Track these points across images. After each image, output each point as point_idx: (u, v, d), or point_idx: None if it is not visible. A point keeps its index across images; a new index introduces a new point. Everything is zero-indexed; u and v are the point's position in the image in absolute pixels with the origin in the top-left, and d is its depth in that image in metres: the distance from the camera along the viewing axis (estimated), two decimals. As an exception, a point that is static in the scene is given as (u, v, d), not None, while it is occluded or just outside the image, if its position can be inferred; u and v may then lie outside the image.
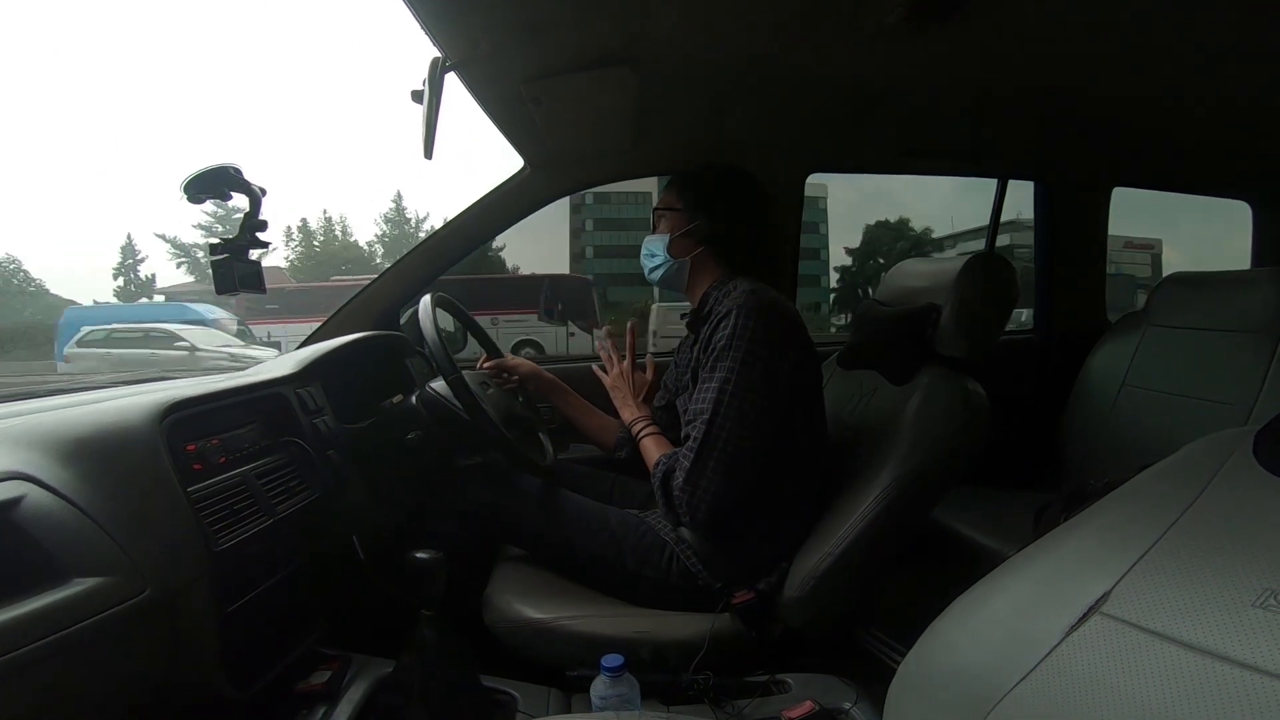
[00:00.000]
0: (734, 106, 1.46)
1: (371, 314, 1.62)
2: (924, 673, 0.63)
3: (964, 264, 1.19)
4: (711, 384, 1.09)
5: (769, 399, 1.08)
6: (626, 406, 1.35)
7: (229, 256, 1.03)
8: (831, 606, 1.12)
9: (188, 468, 0.85)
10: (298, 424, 1.09)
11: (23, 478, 0.68)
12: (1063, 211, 2.06)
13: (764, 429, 1.08)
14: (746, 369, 1.07)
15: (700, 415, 1.09)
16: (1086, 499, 1.18)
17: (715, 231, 1.23)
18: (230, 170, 1.00)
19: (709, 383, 1.09)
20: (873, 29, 1.05)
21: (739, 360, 1.07)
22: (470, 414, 1.15)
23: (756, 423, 1.07)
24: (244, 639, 0.86)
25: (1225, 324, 1.64)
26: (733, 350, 1.07)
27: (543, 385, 1.48)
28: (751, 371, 1.07)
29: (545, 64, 1.13)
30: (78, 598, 0.64)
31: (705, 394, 1.09)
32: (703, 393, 1.10)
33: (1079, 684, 0.47)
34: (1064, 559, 0.58)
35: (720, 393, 1.07)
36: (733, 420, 1.07)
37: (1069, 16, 1.05)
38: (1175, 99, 1.43)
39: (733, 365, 1.07)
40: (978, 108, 1.51)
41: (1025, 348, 2.13)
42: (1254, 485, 0.53)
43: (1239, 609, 0.43)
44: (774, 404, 1.09)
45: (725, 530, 1.14)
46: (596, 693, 0.95)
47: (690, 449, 1.09)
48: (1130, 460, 1.12)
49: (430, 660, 0.92)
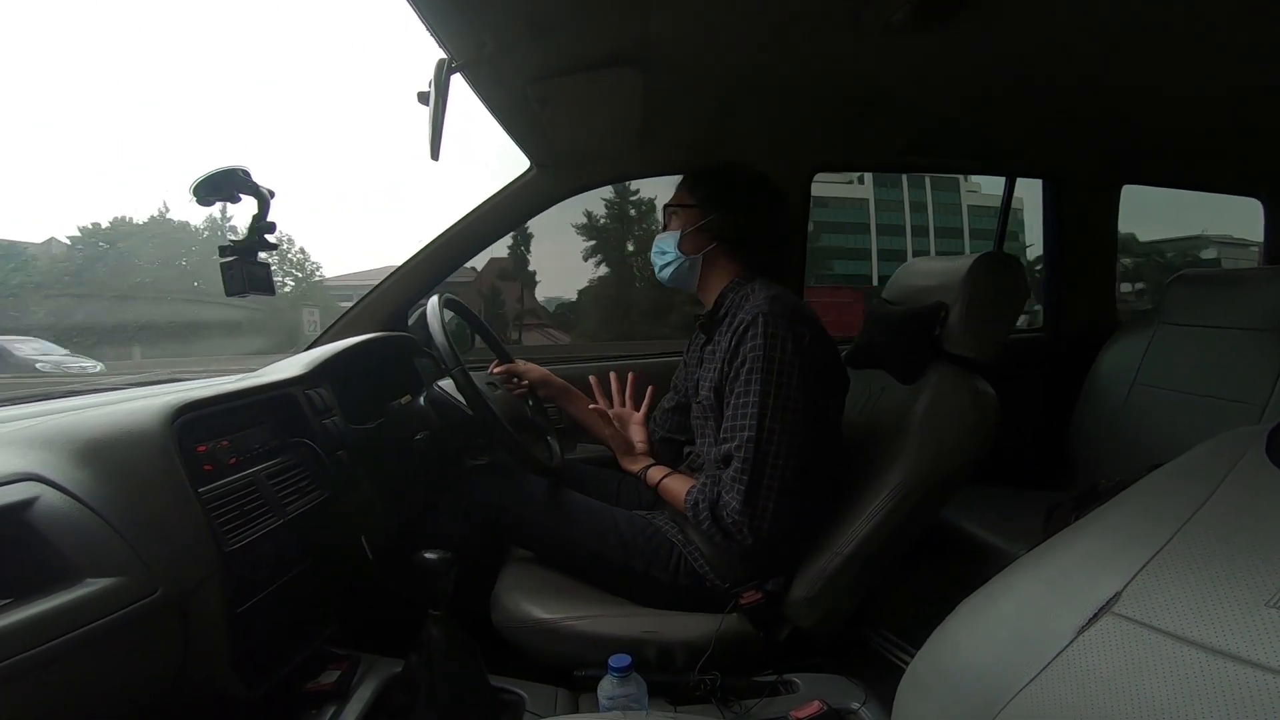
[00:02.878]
0: (739, 106, 1.46)
1: (380, 315, 1.63)
2: (933, 673, 0.62)
3: (972, 263, 1.18)
4: (750, 400, 1.07)
5: (807, 408, 1.07)
6: (628, 458, 1.34)
7: (238, 258, 1.04)
8: (840, 606, 1.12)
9: (198, 468, 0.86)
10: (307, 425, 1.09)
11: (36, 479, 0.69)
12: (1072, 209, 2.05)
13: (807, 438, 1.08)
14: (784, 382, 1.06)
15: (741, 434, 1.07)
16: (1097, 498, 1.18)
17: (728, 228, 1.22)
18: (239, 172, 1.00)
19: (746, 398, 1.07)
20: (877, 27, 1.05)
21: (775, 374, 1.06)
22: (478, 414, 1.15)
23: (801, 434, 1.06)
24: (254, 638, 0.87)
25: (1237, 322, 1.62)
26: (765, 363, 1.06)
27: (553, 390, 1.48)
28: (788, 384, 1.06)
29: (551, 65, 1.13)
30: (90, 598, 0.65)
31: (744, 410, 1.07)
32: (740, 409, 1.08)
33: (1090, 684, 0.47)
34: (1074, 559, 0.58)
35: (762, 408, 1.05)
36: (779, 435, 1.05)
37: (1075, 12, 1.04)
38: (1185, 95, 1.41)
39: (769, 379, 1.06)
40: (984, 105, 1.50)
41: (1034, 346, 2.12)
42: (1267, 484, 0.53)
43: (1252, 609, 0.43)
44: (810, 412, 1.08)
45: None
46: (604, 693, 0.95)
47: (740, 471, 1.06)
48: (1141, 459, 1.12)
49: (438, 660, 0.92)
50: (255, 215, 1.05)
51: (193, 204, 0.97)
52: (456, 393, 1.17)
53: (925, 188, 6.19)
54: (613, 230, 3.84)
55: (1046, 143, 1.83)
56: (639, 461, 1.32)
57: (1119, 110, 1.52)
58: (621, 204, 3.66)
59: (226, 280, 1.04)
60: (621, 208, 3.68)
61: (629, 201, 3.61)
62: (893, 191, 6.64)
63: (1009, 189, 2.09)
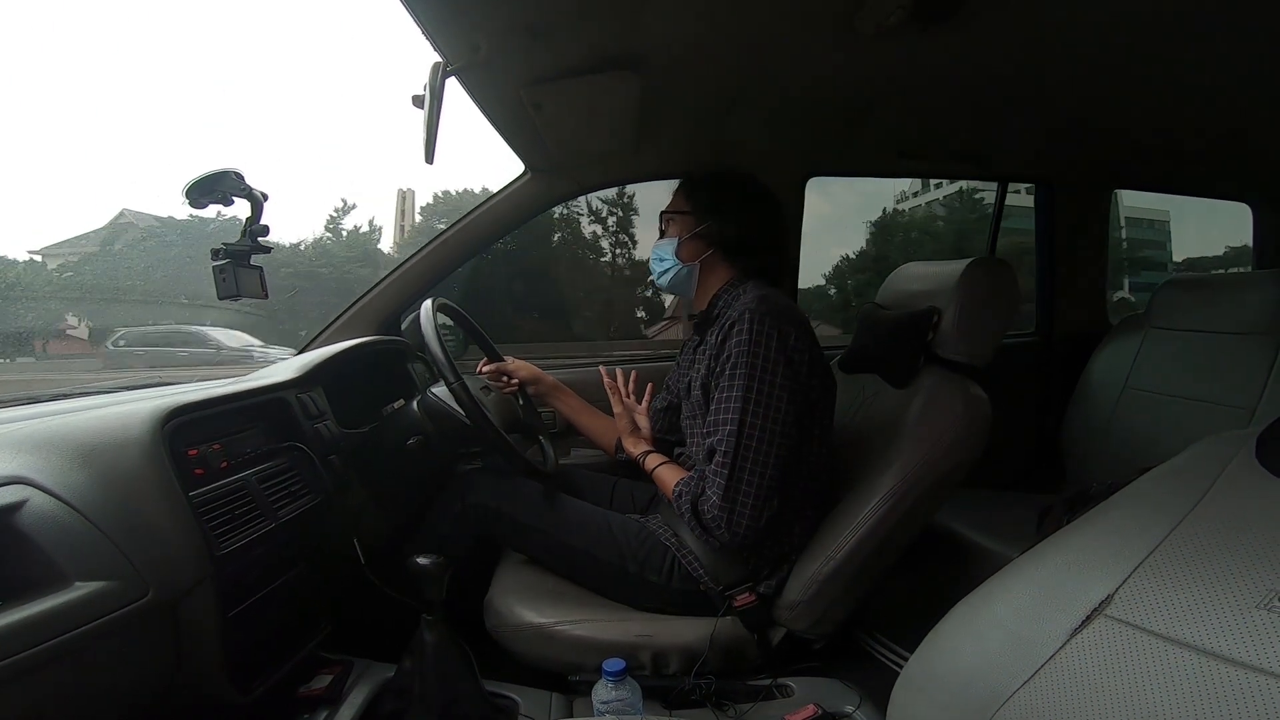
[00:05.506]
0: (735, 110, 1.46)
1: (373, 319, 1.62)
2: (927, 676, 0.63)
3: (965, 267, 1.19)
4: (733, 395, 1.06)
5: (791, 406, 1.07)
6: (631, 439, 1.34)
7: (231, 262, 1.04)
8: (834, 610, 1.12)
9: (189, 472, 0.85)
10: (299, 429, 1.09)
11: (25, 482, 0.68)
12: (1063, 213, 2.07)
13: (790, 437, 1.07)
14: (767, 378, 1.06)
15: (723, 428, 1.06)
16: (1089, 502, 1.19)
17: (725, 234, 1.22)
18: (232, 175, 1.00)
19: (729, 393, 1.07)
20: (872, 32, 1.05)
21: (758, 370, 1.06)
22: (472, 419, 1.14)
23: (783, 432, 1.06)
24: (246, 643, 0.86)
25: (1226, 326, 1.64)
26: (749, 359, 1.06)
27: (543, 388, 1.48)
28: (772, 381, 1.06)
29: (546, 69, 1.13)
30: (80, 602, 0.65)
31: (726, 405, 1.07)
32: (723, 404, 1.08)
33: (1083, 686, 0.47)
34: (1067, 562, 0.58)
35: (744, 403, 1.05)
36: (760, 432, 1.05)
37: (1069, 18, 1.05)
38: (1176, 101, 1.43)
39: (751, 375, 1.06)
40: (978, 110, 1.51)
41: (1026, 350, 2.13)
42: (1257, 487, 0.53)
43: (1243, 610, 0.43)
44: (794, 411, 1.08)
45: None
46: (598, 697, 0.94)
47: (721, 466, 1.06)
48: (1132, 462, 1.13)
49: (432, 665, 0.92)
50: (248, 218, 1.04)
51: (185, 206, 0.97)
52: (450, 397, 1.17)
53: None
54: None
55: (1038, 147, 1.85)
56: (641, 445, 1.32)
57: (1110, 115, 1.54)
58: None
59: (218, 284, 1.04)
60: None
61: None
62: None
63: (1001, 194, 2.11)
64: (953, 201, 4.51)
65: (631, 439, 1.33)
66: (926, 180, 4.22)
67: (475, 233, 1.67)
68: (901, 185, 5.57)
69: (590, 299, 3.65)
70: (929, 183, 4.53)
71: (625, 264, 3.59)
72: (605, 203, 3.54)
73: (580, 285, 3.65)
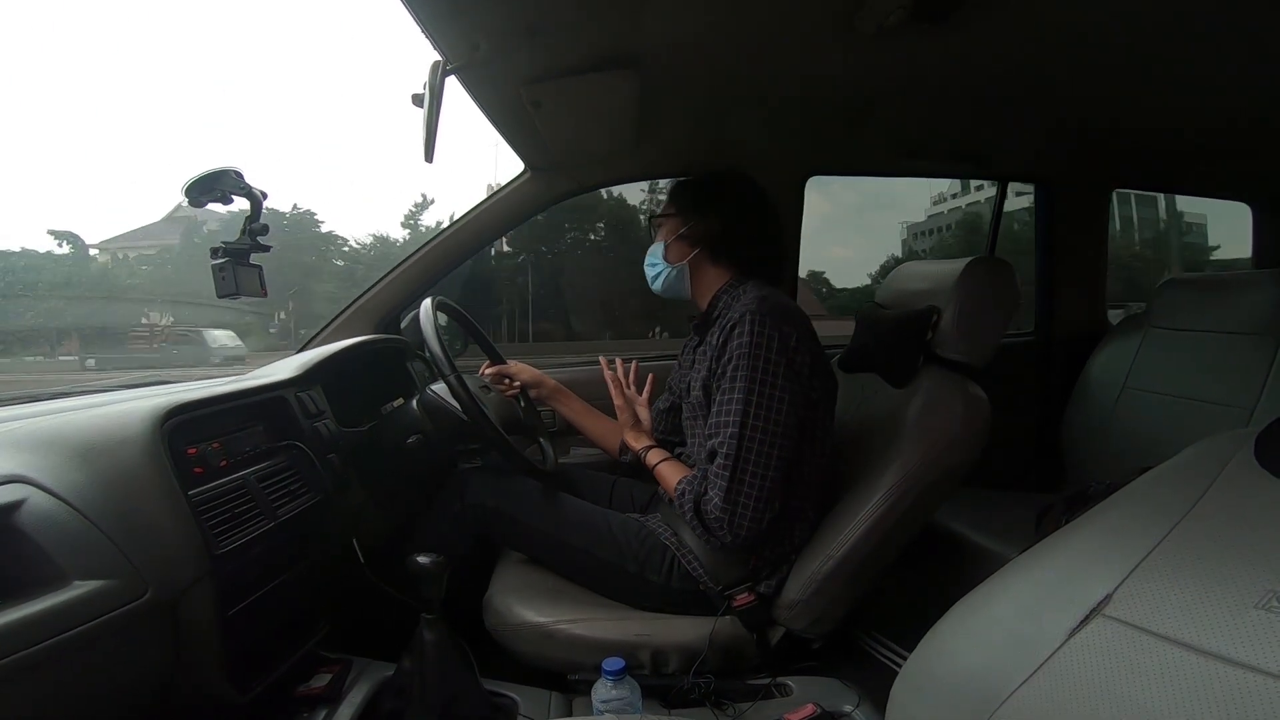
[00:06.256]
0: (734, 110, 1.46)
1: (373, 318, 1.62)
2: (926, 675, 0.63)
3: (965, 266, 1.18)
4: (735, 397, 1.06)
5: (792, 407, 1.07)
6: (633, 433, 1.34)
7: (230, 260, 1.04)
8: (833, 609, 1.12)
9: (189, 471, 0.85)
10: (299, 427, 1.09)
11: (24, 481, 0.68)
12: (1063, 213, 2.07)
13: (791, 438, 1.07)
14: (768, 380, 1.05)
15: (725, 430, 1.06)
16: (1088, 501, 1.19)
17: (710, 231, 1.22)
18: (231, 173, 1.00)
19: (731, 394, 1.07)
20: (872, 31, 1.05)
21: (759, 371, 1.05)
22: (469, 414, 1.14)
23: (785, 433, 1.06)
24: (245, 642, 0.86)
25: (1226, 326, 1.64)
26: (750, 360, 1.06)
27: (545, 391, 1.48)
28: (773, 383, 1.06)
29: (546, 67, 1.13)
30: (79, 601, 0.64)
31: (728, 407, 1.07)
32: (725, 405, 1.08)
33: (1081, 686, 0.47)
34: (1066, 561, 0.58)
35: (746, 405, 1.05)
36: (762, 434, 1.05)
37: (1068, 18, 1.05)
38: (1175, 100, 1.43)
39: (753, 376, 1.05)
40: (977, 110, 1.51)
41: (1025, 350, 2.13)
42: (1256, 487, 0.53)
43: (1241, 610, 0.43)
44: (796, 412, 1.08)
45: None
46: (597, 696, 0.95)
47: (723, 468, 1.06)
48: (1131, 462, 1.13)
49: (431, 664, 0.92)
50: (248, 217, 1.04)
51: (184, 204, 0.97)
52: (449, 396, 1.17)
53: (1131, 204, 5.94)
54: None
55: (1038, 147, 1.85)
56: (642, 439, 1.31)
57: (1110, 115, 1.54)
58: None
59: (217, 282, 1.04)
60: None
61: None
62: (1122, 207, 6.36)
63: (1001, 193, 2.11)
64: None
65: (633, 433, 1.33)
66: (966, 182, 4.20)
67: (475, 231, 1.67)
68: (940, 186, 5.54)
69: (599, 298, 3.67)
70: (969, 184, 4.51)
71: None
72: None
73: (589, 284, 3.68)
